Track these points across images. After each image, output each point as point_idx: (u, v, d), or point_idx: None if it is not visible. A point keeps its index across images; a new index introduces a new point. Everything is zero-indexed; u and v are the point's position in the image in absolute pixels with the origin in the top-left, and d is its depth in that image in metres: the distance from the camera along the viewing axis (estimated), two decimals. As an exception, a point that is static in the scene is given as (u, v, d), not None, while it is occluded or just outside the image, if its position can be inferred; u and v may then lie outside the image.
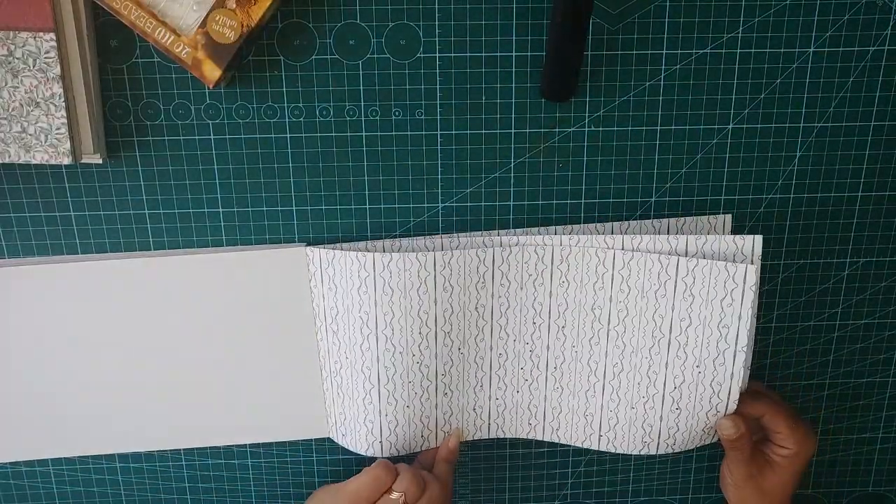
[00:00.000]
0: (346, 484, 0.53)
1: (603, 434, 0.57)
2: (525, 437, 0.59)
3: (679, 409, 0.54)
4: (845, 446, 0.64)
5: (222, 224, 0.55)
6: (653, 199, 0.56)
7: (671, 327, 0.53)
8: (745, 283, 0.50)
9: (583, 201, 0.56)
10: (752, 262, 0.51)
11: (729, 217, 0.56)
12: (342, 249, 0.54)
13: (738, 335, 0.52)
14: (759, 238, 0.51)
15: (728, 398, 0.53)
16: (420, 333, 0.54)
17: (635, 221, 0.56)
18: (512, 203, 0.55)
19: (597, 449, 0.58)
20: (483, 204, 0.55)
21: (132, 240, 0.55)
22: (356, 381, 0.56)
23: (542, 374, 0.57)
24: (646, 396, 0.55)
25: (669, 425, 0.55)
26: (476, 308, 0.55)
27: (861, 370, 0.62)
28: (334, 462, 0.61)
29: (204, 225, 0.55)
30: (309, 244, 0.55)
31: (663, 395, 0.54)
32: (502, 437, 0.59)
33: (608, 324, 0.54)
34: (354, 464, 0.61)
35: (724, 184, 0.56)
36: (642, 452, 0.57)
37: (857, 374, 0.62)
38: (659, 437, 0.56)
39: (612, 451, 0.57)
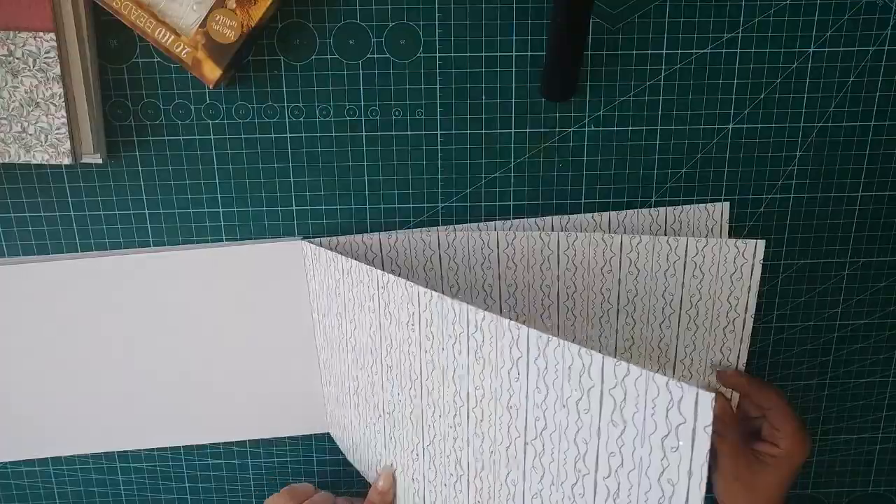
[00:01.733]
0: None
1: None
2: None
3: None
4: (845, 446, 0.64)
5: (222, 224, 0.55)
6: (653, 199, 0.56)
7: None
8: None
9: (582, 201, 0.56)
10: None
11: (727, 205, 0.56)
12: (336, 245, 0.54)
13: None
14: (761, 242, 0.53)
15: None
16: (372, 354, 0.50)
17: (633, 211, 0.56)
18: (512, 203, 0.55)
19: None
20: (483, 204, 0.55)
21: (132, 239, 0.55)
22: (337, 381, 0.56)
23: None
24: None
25: None
26: (439, 362, 0.45)
27: (861, 370, 0.62)
28: (334, 462, 0.61)
29: (204, 225, 0.55)
30: (306, 238, 0.55)
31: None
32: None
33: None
34: (354, 464, 0.61)
35: (724, 184, 0.56)
36: None
37: (857, 374, 0.62)
38: None
39: None
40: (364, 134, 0.53)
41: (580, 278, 0.54)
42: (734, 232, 0.57)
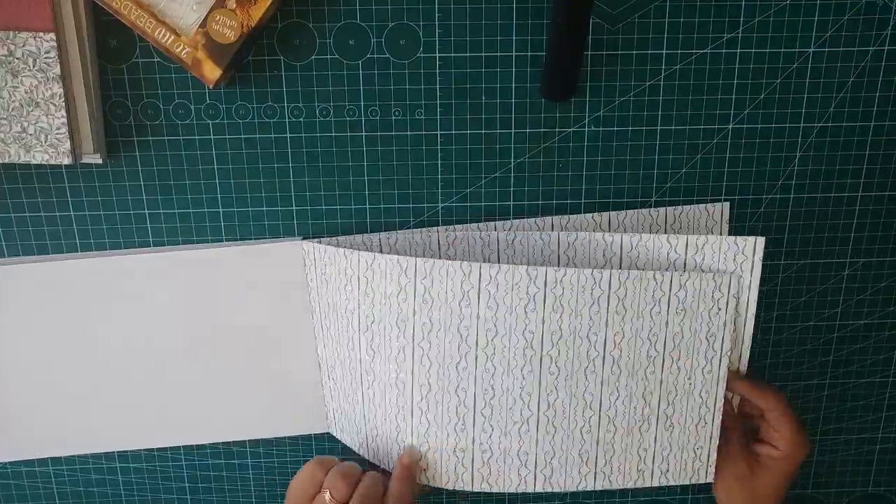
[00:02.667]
0: (292, 480, 0.52)
1: (599, 470, 0.55)
2: (514, 491, 0.55)
3: (672, 425, 0.54)
4: (845, 446, 0.64)
5: (222, 224, 0.55)
6: (653, 199, 0.56)
7: (665, 344, 0.53)
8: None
9: (582, 201, 0.56)
10: (742, 268, 0.52)
11: (727, 205, 0.56)
12: (336, 245, 0.54)
13: (723, 340, 0.53)
14: (760, 239, 0.51)
15: (714, 406, 0.54)
16: (397, 344, 0.52)
17: (633, 211, 0.56)
18: (512, 203, 0.55)
19: (592, 489, 0.55)
20: (483, 204, 0.55)
21: (132, 239, 0.55)
22: (345, 379, 0.56)
23: (534, 415, 0.53)
24: (641, 419, 0.54)
25: (663, 446, 0.55)
26: (458, 329, 0.51)
27: (861, 370, 0.62)
28: (334, 462, 0.61)
29: (204, 225, 0.55)
30: (306, 238, 0.55)
31: (658, 415, 0.54)
32: (488, 490, 0.54)
33: (604, 349, 0.52)
34: (354, 464, 0.61)
35: (724, 184, 0.56)
36: (637, 485, 0.55)
37: (857, 374, 0.62)
38: (653, 463, 0.55)
39: (608, 487, 0.55)
40: (364, 134, 0.53)
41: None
42: (734, 232, 0.57)
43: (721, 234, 0.55)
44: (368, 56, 0.52)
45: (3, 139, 0.48)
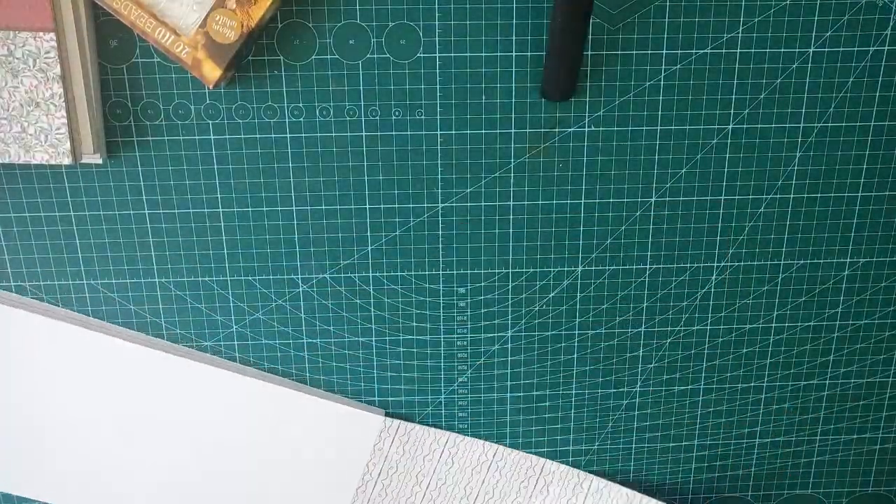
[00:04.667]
0: None
1: None
2: None
3: None
4: (845, 446, 0.64)
5: (222, 224, 0.55)
6: (653, 199, 0.56)
7: None
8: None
9: (583, 201, 0.56)
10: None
11: None
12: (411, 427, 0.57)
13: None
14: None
15: None
16: None
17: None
18: (512, 203, 0.55)
19: None
20: (483, 204, 0.55)
21: (132, 240, 0.55)
22: None
23: None
24: None
25: None
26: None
27: (861, 370, 0.62)
28: None
29: (204, 225, 0.55)
30: (386, 415, 0.55)
31: None
32: None
33: None
34: None
35: (724, 184, 0.56)
36: None
37: (857, 374, 0.62)
38: None
39: None
40: (364, 134, 0.53)
41: None
42: (733, 232, 0.57)
43: None
44: (368, 56, 0.52)
45: (3, 139, 0.48)
